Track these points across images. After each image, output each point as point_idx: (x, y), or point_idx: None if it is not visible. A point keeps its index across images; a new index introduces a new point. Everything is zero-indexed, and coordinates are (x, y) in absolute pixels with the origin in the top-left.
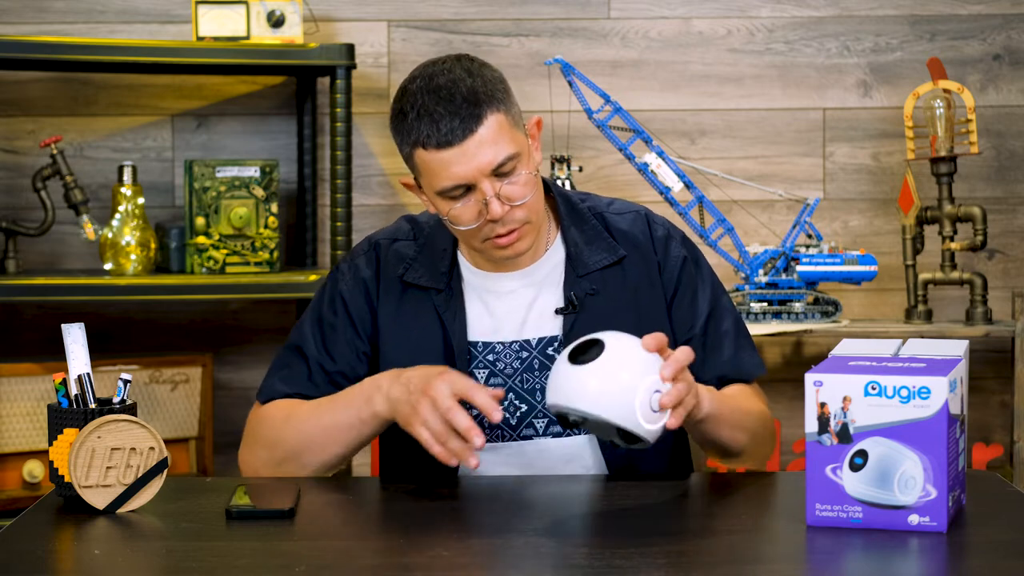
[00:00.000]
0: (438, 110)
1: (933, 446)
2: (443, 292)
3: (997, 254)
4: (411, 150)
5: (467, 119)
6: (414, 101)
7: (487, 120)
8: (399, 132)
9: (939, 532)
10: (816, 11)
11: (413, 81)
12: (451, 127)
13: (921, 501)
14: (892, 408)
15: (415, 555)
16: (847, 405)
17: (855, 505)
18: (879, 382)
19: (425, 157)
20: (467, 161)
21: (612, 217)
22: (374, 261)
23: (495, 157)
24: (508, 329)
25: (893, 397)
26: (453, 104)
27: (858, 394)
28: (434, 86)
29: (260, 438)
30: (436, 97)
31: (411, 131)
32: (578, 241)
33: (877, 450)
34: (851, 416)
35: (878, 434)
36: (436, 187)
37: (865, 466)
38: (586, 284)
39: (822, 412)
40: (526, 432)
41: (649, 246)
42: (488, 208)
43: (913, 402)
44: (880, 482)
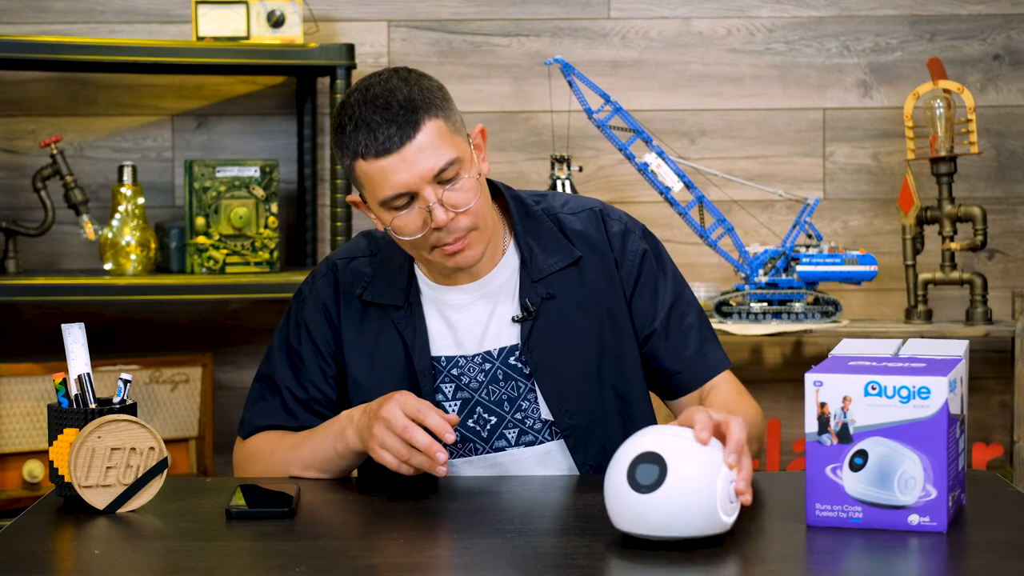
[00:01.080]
0: (375, 119)
1: (933, 446)
2: (402, 309)
3: (997, 254)
4: (351, 162)
5: (404, 126)
6: (351, 113)
7: (425, 126)
8: (339, 146)
9: (939, 532)
10: (816, 11)
11: (351, 95)
12: (388, 134)
13: (921, 501)
14: (892, 408)
15: (415, 555)
16: (847, 405)
17: (855, 505)
18: (879, 382)
19: (365, 168)
20: (407, 168)
21: (566, 218)
22: (332, 283)
23: (435, 163)
24: (469, 342)
25: (893, 397)
26: (390, 112)
27: (858, 394)
28: (370, 96)
29: (252, 469)
30: (372, 107)
31: (349, 143)
32: (532, 246)
33: (877, 450)
34: (851, 416)
35: (878, 434)
36: (379, 197)
37: (865, 466)
38: (542, 289)
39: (822, 412)
40: (498, 444)
41: (605, 243)
42: (432, 215)
43: (913, 402)
44: (880, 482)
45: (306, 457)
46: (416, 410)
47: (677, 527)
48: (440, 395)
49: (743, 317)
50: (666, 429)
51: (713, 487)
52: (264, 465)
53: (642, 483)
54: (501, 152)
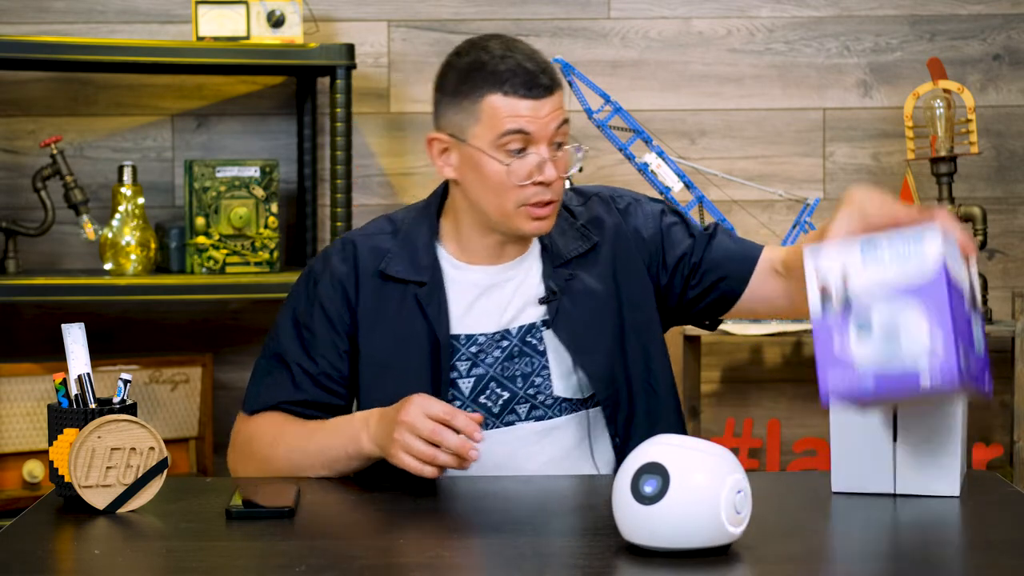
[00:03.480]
0: (527, 65)
1: (935, 304)
2: (426, 285)
3: (997, 254)
4: (483, 95)
5: (550, 82)
6: (492, 52)
7: (559, 91)
8: (471, 79)
9: (952, 389)
10: (816, 11)
11: (486, 40)
12: (540, 81)
13: (929, 361)
14: (892, 267)
15: (415, 555)
16: (846, 278)
17: (866, 373)
18: (875, 248)
19: (499, 102)
20: (541, 117)
21: (575, 209)
22: (351, 258)
23: (559, 121)
24: (489, 320)
25: (891, 262)
26: (539, 66)
27: (856, 265)
28: (517, 48)
29: (253, 454)
30: (522, 54)
31: (491, 77)
32: (552, 234)
33: (881, 314)
34: (851, 288)
35: (880, 299)
36: (501, 129)
37: (871, 333)
38: (563, 272)
39: (823, 289)
40: (508, 419)
41: (619, 221)
42: (543, 170)
43: (913, 258)
44: (887, 346)
45: (313, 453)
46: (442, 413)
47: (681, 539)
48: (455, 372)
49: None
50: (671, 439)
51: (717, 498)
52: (266, 452)
53: (645, 494)
54: None
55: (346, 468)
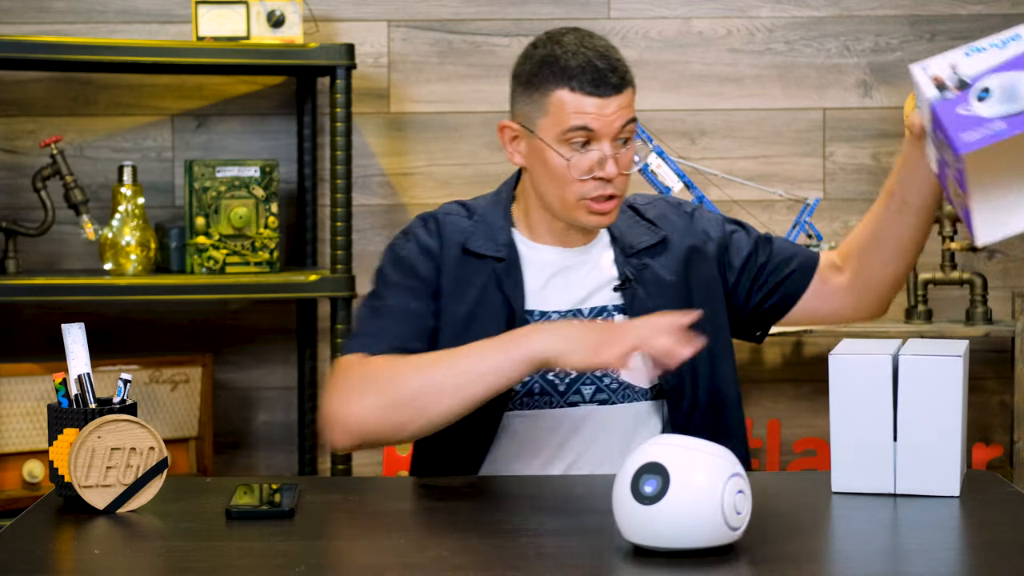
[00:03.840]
0: (597, 63)
1: None
2: (503, 262)
3: (997, 254)
4: (553, 88)
5: (619, 80)
6: (566, 46)
7: (628, 89)
8: (543, 72)
9: None
10: (816, 11)
11: (561, 36)
12: (608, 80)
13: None
14: (995, 54)
15: (415, 555)
16: (956, 68)
17: (994, 120)
18: (975, 44)
19: (567, 97)
20: (607, 115)
21: (641, 207)
22: (435, 231)
23: (625, 120)
24: (563, 299)
25: (991, 48)
26: (610, 63)
27: (961, 59)
28: (591, 43)
29: (370, 383)
30: (596, 52)
31: (563, 72)
32: (619, 226)
33: (996, 81)
34: (962, 71)
35: (993, 72)
36: (566, 125)
37: (991, 95)
38: (635, 260)
39: (937, 81)
40: (573, 399)
41: (687, 221)
42: (604, 166)
43: (1011, 44)
44: (1010, 99)
45: (462, 367)
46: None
47: (682, 538)
48: None
49: None
50: (672, 439)
51: (718, 498)
52: (392, 375)
53: (645, 494)
54: (501, 152)
55: (494, 382)
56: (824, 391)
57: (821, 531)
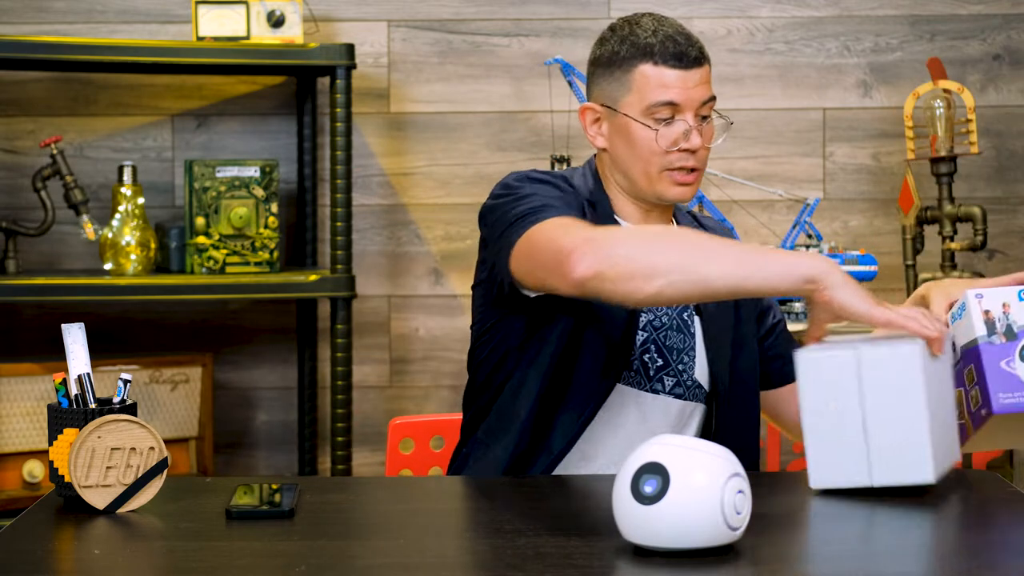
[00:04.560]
0: (677, 38)
1: None
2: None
3: (997, 254)
4: (636, 64)
5: (699, 55)
6: (646, 26)
7: (707, 64)
8: (624, 48)
9: None
10: (816, 11)
11: (639, 17)
12: (688, 53)
13: None
14: None
15: (415, 555)
16: (1007, 309)
17: None
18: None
19: (650, 71)
20: (689, 87)
21: (700, 219)
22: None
23: (706, 94)
24: None
25: None
26: (689, 39)
27: (1013, 300)
28: (667, 23)
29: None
30: (674, 28)
31: (648, 46)
32: (685, 225)
33: None
34: (1012, 317)
35: None
36: (652, 100)
37: None
38: None
39: (987, 318)
40: (655, 387)
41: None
42: (689, 138)
43: None
44: None
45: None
46: None
47: (682, 538)
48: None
49: None
50: (672, 439)
51: (718, 498)
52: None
53: (645, 494)
54: (501, 152)
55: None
56: None
57: (821, 531)
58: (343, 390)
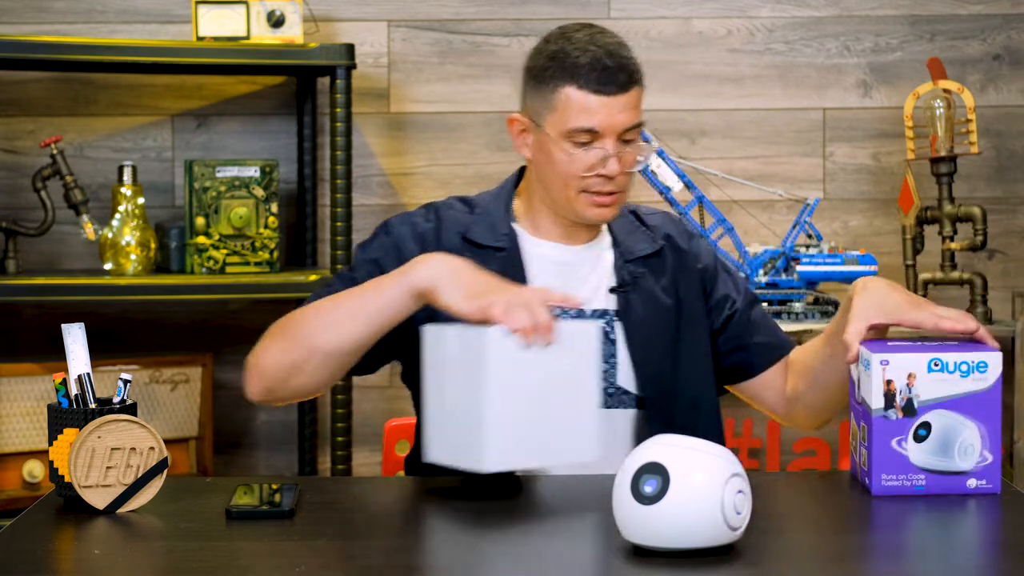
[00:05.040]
0: (605, 61)
1: (990, 415)
2: (504, 251)
3: (997, 254)
4: (560, 85)
5: (625, 80)
6: (577, 43)
7: (634, 89)
8: (550, 67)
9: (994, 493)
10: (816, 11)
11: (574, 32)
12: (613, 79)
13: (979, 466)
14: (953, 382)
15: (415, 555)
16: (912, 381)
17: (919, 474)
18: (941, 358)
19: (574, 95)
20: (611, 114)
21: (644, 215)
22: (433, 219)
23: (630, 121)
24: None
25: (954, 372)
26: (618, 61)
27: (922, 370)
28: (602, 41)
29: (278, 328)
30: (603, 49)
31: (570, 69)
32: (620, 231)
33: (940, 422)
34: (915, 391)
35: (940, 407)
36: (570, 125)
37: (928, 437)
38: (632, 267)
39: (888, 389)
40: None
41: (685, 239)
42: (606, 164)
43: (973, 376)
44: (942, 451)
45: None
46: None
47: (682, 538)
48: None
49: None
50: (672, 439)
51: (718, 498)
52: (293, 321)
53: (645, 494)
54: (501, 152)
55: (377, 315)
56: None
57: (821, 531)
58: (343, 390)
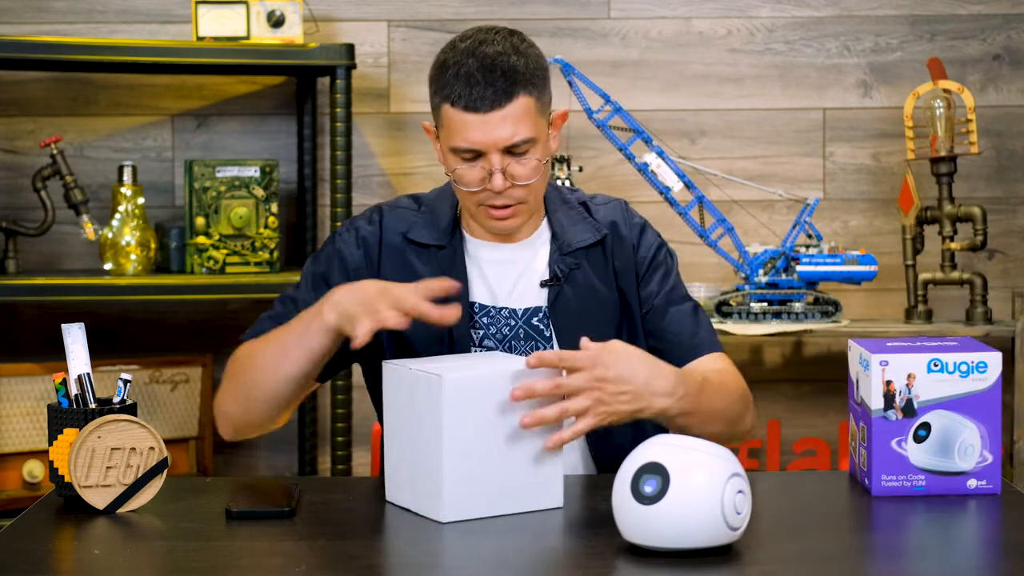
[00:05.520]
0: (476, 76)
1: (990, 415)
2: (446, 249)
3: (997, 254)
4: (440, 102)
5: (500, 93)
6: (458, 59)
7: (517, 100)
8: (435, 81)
9: (994, 493)
10: (816, 11)
11: (464, 40)
12: (482, 95)
13: (979, 467)
14: (953, 382)
15: (415, 555)
16: (911, 382)
17: (919, 474)
18: (941, 359)
19: (450, 113)
20: (486, 131)
21: (594, 206)
22: (376, 221)
23: (512, 135)
24: (500, 296)
25: (954, 372)
26: (492, 75)
27: (922, 371)
28: (480, 52)
29: (228, 373)
30: (479, 62)
31: (446, 85)
32: (563, 223)
33: (939, 422)
34: (915, 392)
35: (940, 407)
36: (451, 143)
37: (928, 437)
38: (570, 260)
39: (888, 390)
40: None
41: (627, 229)
42: (491, 179)
43: (972, 376)
44: (942, 451)
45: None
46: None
47: (682, 538)
48: (469, 341)
49: (743, 317)
50: (671, 439)
51: (718, 498)
52: (238, 365)
53: (645, 494)
54: None
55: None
56: (825, 390)
57: (821, 531)
58: (343, 390)
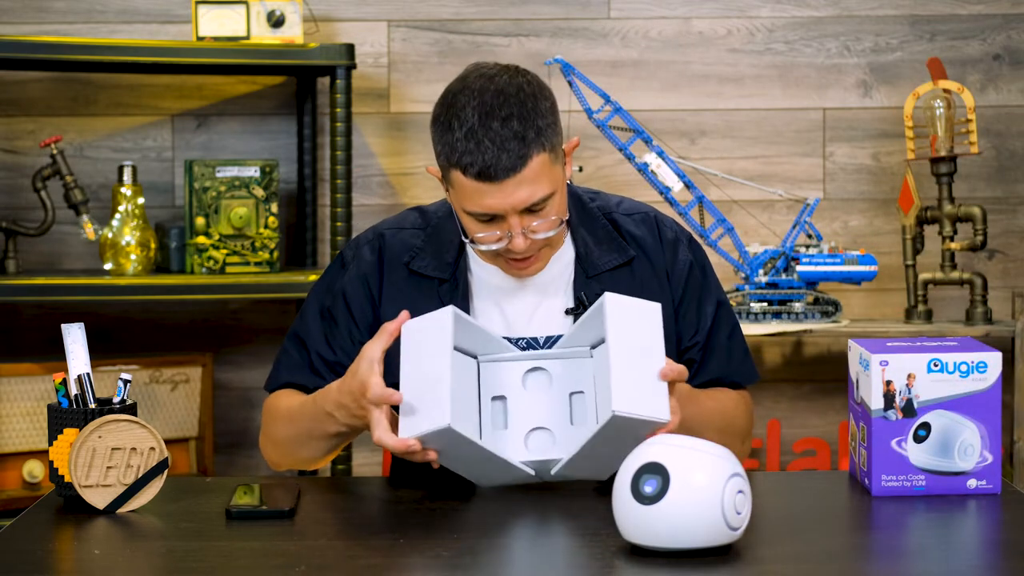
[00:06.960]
0: (485, 142)
1: (990, 415)
2: (448, 283)
3: (997, 254)
4: (448, 165)
5: (514, 158)
6: (463, 118)
7: (532, 162)
8: (439, 141)
9: (994, 493)
10: (816, 11)
11: (464, 92)
12: (496, 162)
13: (979, 467)
14: (953, 382)
15: (415, 555)
16: (911, 382)
17: (919, 474)
18: (941, 359)
19: (461, 179)
20: (503, 198)
21: (621, 218)
22: (376, 251)
23: (531, 197)
24: (517, 325)
25: (954, 372)
26: (502, 138)
27: (921, 371)
28: (487, 109)
29: (269, 433)
30: (486, 126)
31: (453, 151)
32: (588, 242)
33: (939, 422)
34: (915, 392)
35: (940, 407)
36: (463, 207)
37: (928, 437)
38: (595, 285)
39: (888, 390)
40: None
41: (658, 249)
42: (512, 241)
43: (972, 376)
44: (942, 451)
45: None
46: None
47: (682, 538)
48: None
49: (743, 317)
50: (672, 439)
51: (718, 498)
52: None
53: (645, 494)
54: None
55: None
56: (825, 390)
57: (821, 531)
58: None
